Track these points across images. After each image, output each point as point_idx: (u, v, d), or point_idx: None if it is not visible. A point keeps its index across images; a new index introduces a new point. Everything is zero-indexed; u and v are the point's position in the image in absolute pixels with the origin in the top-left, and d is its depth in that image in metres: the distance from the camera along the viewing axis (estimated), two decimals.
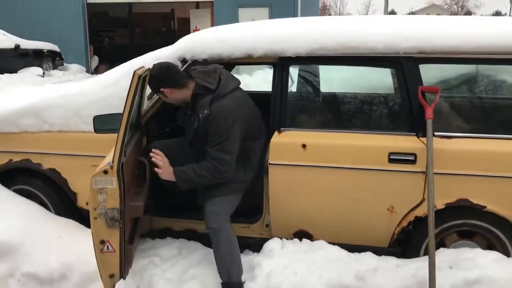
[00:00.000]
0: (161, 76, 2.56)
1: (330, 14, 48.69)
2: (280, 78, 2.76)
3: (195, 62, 2.82)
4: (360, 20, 2.96)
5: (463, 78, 2.89)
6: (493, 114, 2.80)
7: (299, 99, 2.94)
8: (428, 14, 47.41)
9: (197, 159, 2.60)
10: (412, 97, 2.58)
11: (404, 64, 2.61)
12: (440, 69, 2.81)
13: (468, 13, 48.21)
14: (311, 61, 2.84)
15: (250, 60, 2.81)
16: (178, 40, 3.01)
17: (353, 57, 2.67)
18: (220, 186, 2.63)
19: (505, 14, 48.37)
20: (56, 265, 2.58)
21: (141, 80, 2.29)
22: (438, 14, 45.98)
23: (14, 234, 2.68)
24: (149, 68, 2.57)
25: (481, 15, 47.15)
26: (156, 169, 2.53)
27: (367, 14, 51.67)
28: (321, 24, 2.88)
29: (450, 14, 46.66)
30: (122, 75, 2.90)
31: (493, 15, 48.16)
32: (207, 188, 2.64)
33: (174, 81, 2.57)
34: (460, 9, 50.66)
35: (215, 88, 2.54)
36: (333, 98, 3.16)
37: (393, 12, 49.42)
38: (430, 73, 2.74)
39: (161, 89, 2.57)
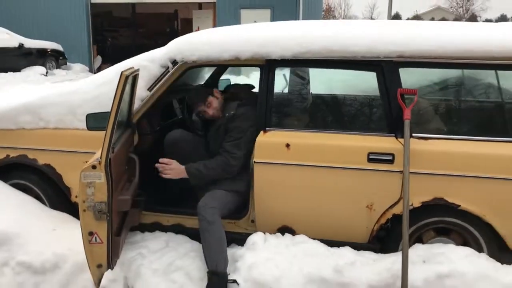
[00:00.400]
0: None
1: (334, 16, 48.72)
2: (266, 80, 2.87)
3: (185, 63, 2.94)
4: (344, 24, 3.07)
5: (441, 82, 3.00)
6: (468, 117, 2.90)
7: (284, 100, 3.05)
8: (433, 17, 47.32)
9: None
10: (391, 99, 2.69)
11: (384, 68, 2.71)
12: (421, 73, 2.91)
13: (474, 16, 48.10)
14: (296, 64, 2.95)
15: (238, 62, 2.92)
16: (170, 42, 3.13)
17: (336, 60, 2.78)
18: (222, 182, 2.90)
19: (511, 18, 48.22)
20: (49, 255, 2.70)
21: (128, 80, 2.40)
22: (443, 18, 45.90)
23: (9, 225, 2.81)
24: (137, 69, 2.70)
25: (487, 19, 47.08)
26: (163, 175, 2.87)
27: (371, 17, 51.68)
28: (306, 28, 2.99)
29: (456, 17, 46.59)
30: (114, 75, 3.01)
31: (498, 19, 48.02)
32: (211, 182, 2.90)
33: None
34: (465, 12, 50.57)
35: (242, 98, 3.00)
36: (317, 100, 3.27)
37: (397, 15, 49.42)
38: (412, 77, 2.85)
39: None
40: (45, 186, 3.23)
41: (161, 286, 2.59)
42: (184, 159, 2.98)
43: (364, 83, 2.97)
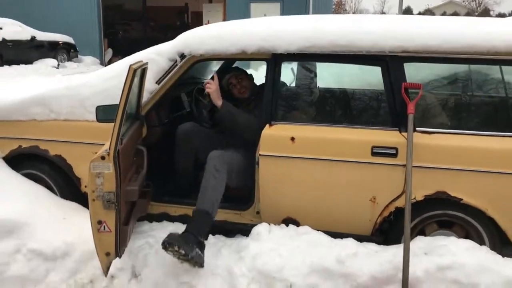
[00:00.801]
0: None
1: (345, 10, 48.38)
2: (272, 74, 2.91)
3: (193, 57, 2.99)
4: (350, 19, 3.10)
5: (445, 76, 3.02)
6: (472, 112, 2.93)
7: (290, 93, 3.09)
8: (445, 11, 46.83)
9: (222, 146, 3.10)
10: (396, 93, 2.72)
11: (389, 62, 2.74)
12: (425, 68, 2.94)
13: (486, 10, 47.50)
14: (302, 58, 2.98)
15: (245, 56, 2.96)
16: (178, 36, 3.18)
17: (342, 55, 2.81)
18: (241, 146, 3.03)
19: None
20: (59, 243, 2.78)
21: (136, 73, 2.46)
22: (455, 12, 45.39)
23: (22, 214, 2.89)
24: (146, 62, 2.75)
25: (500, 13, 46.46)
26: (206, 85, 3.02)
27: (382, 10, 51.25)
28: (312, 22, 3.02)
29: (468, 11, 46.05)
30: (123, 68, 3.07)
31: None
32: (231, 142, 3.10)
33: None
34: (478, 6, 49.94)
35: None
36: (322, 94, 3.30)
37: (409, 9, 48.92)
38: (417, 72, 2.88)
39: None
40: (56, 176, 3.31)
41: (167, 274, 2.66)
42: (194, 151, 3.06)
43: (369, 77, 3.00)
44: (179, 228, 3.01)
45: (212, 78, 3.09)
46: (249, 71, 3.51)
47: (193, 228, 2.69)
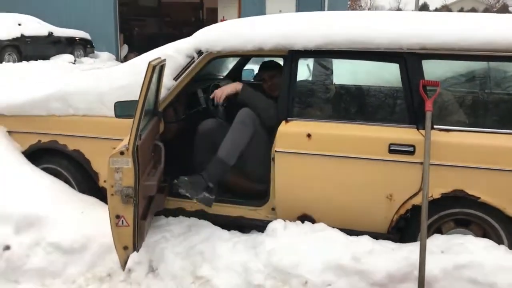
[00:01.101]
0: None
1: (360, 6, 48.05)
2: (289, 71, 2.92)
3: (210, 53, 3.01)
4: (367, 15, 3.08)
5: (464, 74, 2.99)
6: (491, 110, 2.90)
7: (306, 90, 3.09)
8: (462, 8, 46.20)
9: None
10: (414, 91, 2.70)
11: (407, 60, 2.72)
12: (444, 65, 2.91)
13: (505, 6, 46.77)
14: (319, 54, 2.98)
15: (261, 53, 2.97)
16: (195, 33, 3.20)
17: (359, 51, 2.80)
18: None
19: None
20: (78, 237, 2.82)
21: (155, 70, 2.48)
22: (473, 8, 44.77)
23: (41, 208, 2.94)
24: (164, 59, 2.77)
25: None
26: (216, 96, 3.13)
27: (398, 7, 50.74)
28: (329, 19, 3.02)
29: (486, 7, 45.40)
30: (142, 64, 3.09)
31: None
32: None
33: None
34: (496, 2, 49.18)
35: None
36: (339, 90, 3.29)
37: (425, 6, 48.39)
38: (435, 69, 2.86)
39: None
40: (74, 171, 3.35)
41: (183, 268, 2.69)
42: (215, 148, 3.08)
43: (387, 74, 2.99)
44: (194, 223, 3.06)
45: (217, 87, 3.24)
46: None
47: (205, 173, 2.97)
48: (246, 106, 3.08)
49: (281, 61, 3.09)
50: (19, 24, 12.70)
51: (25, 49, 12.59)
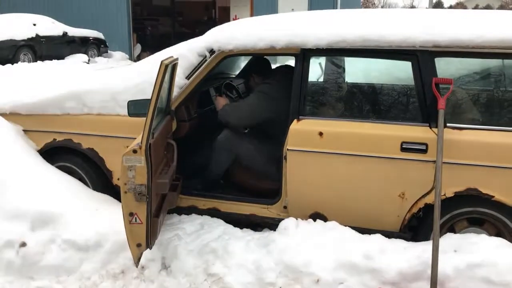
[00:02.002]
0: None
1: (373, 4, 47.67)
2: (301, 69, 2.92)
3: (222, 52, 3.02)
4: (379, 13, 3.07)
5: (477, 72, 2.96)
6: (504, 108, 2.86)
7: (318, 88, 3.09)
8: (477, 4, 45.60)
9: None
10: (426, 89, 2.69)
11: (420, 57, 2.71)
12: (456, 63, 2.89)
13: None
14: (331, 53, 2.97)
15: (273, 51, 2.97)
16: (207, 32, 3.22)
17: (371, 49, 2.80)
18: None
19: None
20: (92, 234, 2.86)
21: (167, 69, 2.50)
22: (488, 5, 44.15)
23: (56, 205, 2.98)
24: (177, 58, 2.79)
25: None
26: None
27: (412, 4, 50.26)
28: (341, 17, 3.01)
29: (502, 4, 44.75)
30: (154, 63, 3.12)
31: None
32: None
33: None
34: None
35: None
36: (351, 89, 3.28)
37: (439, 3, 47.87)
38: (448, 66, 2.84)
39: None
40: (89, 169, 3.39)
41: (196, 266, 2.71)
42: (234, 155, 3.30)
43: (399, 72, 2.97)
44: (207, 221, 3.08)
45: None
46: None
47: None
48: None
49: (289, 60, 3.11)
50: (34, 24, 12.84)
51: (40, 49, 12.73)
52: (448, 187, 2.66)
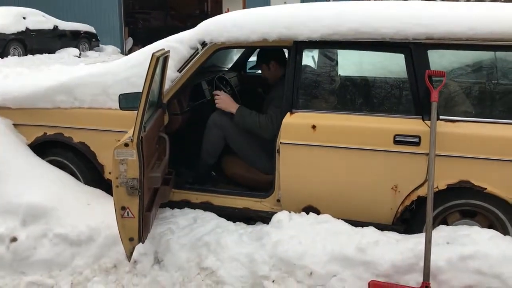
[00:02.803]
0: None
1: None
2: (294, 62, 2.90)
3: (214, 44, 3.00)
4: (372, 5, 3.05)
5: (470, 64, 2.96)
6: (497, 100, 2.87)
7: (311, 81, 3.08)
8: None
9: None
10: (419, 81, 2.68)
11: (413, 50, 2.70)
12: (450, 55, 2.89)
13: None
14: (324, 45, 2.96)
15: (266, 44, 2.94)
16: (199, 24, 3.19)
17: (364, 42, 2.78)
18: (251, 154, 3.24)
19: None
20: (84, 228, 2.84)
21: (159, 61, 2.47)
22: None
23: (47, 199, 2.96)
24: (168, 51, 2.77)
25: None
26: (216, 100, 3.22)
27: None
28: (334, 9, 2.99)
29: None
30: (145, 56, 3.09)
31: None
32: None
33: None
34: None
35: None
36: (344, 82, 3.27)
37: None
38: (441, 59, 2.83)
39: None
40: (80, 163, 3.37)
41: (189, 260, 2.70)
42: (224, 140, 3.29)
43: (392, 65, 2.97)
44: (200, 215, 3.07)
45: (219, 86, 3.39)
46: None
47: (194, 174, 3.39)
48: (240, 126, 3.18)
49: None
50: (24, 18, 12.73)
51: (30, 42, 12.63)
52: (441, 180, 2.66)
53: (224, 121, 3.22)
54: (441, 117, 2.65)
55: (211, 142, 3.28)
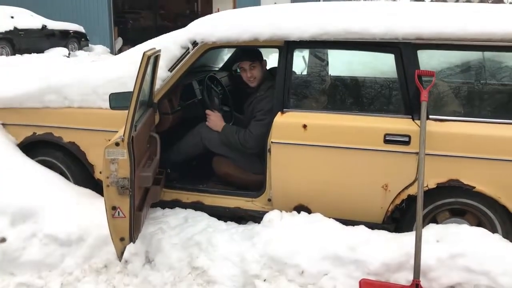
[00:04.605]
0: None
1: None
2: (285, 61, 2.90)
3: (205, 44, 2.99)
4: (362, 5, 3.08)
5: (459, 64, 2.99)
6: (485, 100, 2.90)
7: (302, 81, 3.09)
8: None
9: None
10: (409, 81, 2.71)
11: (402, 50, 2.72)
12: (439, 55, 2.92)
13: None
14: (315, 45, 2.97)
15: (257, 43, 2.94)
16: (190, 24, 3.18)
17: (354, 42, 2.80)
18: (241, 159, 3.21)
19: None
20: (74, 228, 2.82)
21: (150, 61, 2.47)
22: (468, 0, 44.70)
23: (37, 199, 2.93)
24: (159, 50, 2.76)
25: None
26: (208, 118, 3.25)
27: None
28: (324, 9, 3.01)
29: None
30: (136, 55, 3.07)
31: None
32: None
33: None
34: None
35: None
36: (334, 81, 3.29)
37: None
38: (430, 59, 2.86)
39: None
40: (70, 163, 3.34)
41: (180, 260, 2.69)
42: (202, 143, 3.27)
43: (382, 65, 2.99)
44: (191, 215, 3.07)
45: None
46: None
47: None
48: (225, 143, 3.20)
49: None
50: (12, 17, 12.60)
51: (19, 42, 12.50)
52: (431, 179, 2.69)
53: (212, 134, 3.26)
54: (430, 116, 2.67)
55: (189, 146, 3.32)
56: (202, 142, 3.27)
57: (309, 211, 2.93)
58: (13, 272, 2.77)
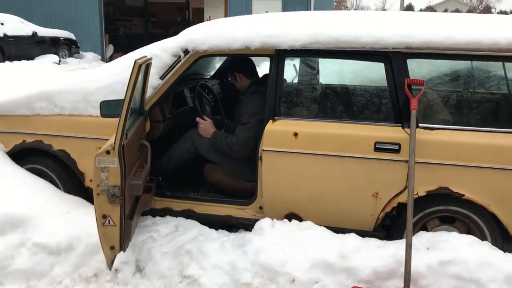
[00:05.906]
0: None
1: (346, 7, 48.28)
2: (276, 70, 2.92)
3: (196, 52, 3.00)
4: (352, 15, 3.11)
5: (448, 73, 3.03)
6: (474, 108, 2.94)
7: (293, 89, 3.11)
8: (446, 9, 46.69)
9: None
10: (399, 90, 2.73)
11: (392, 59, 2.75)
12: (428, 64, 2.95)
13: (488, 8, 47.37)
14: (305, 54, 2.99)
15: (248, 52, 2.96)
16: (181, 32, 3.19)
17: (345, 51, 2.82)
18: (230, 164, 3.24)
19: None
20: (64, 237, 2.79)
21: (141, 68, 2.47)
22: (457, 9, 45.28)
23: (26, 208, 2.91)
24: (150, 58, 2.76)
25: (502, 10, 46.31)
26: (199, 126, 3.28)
27: (383, 8, 51.16)
28: (315, 18, 3.03)
29: (469, 9, 45.96)
30: (127, 63, 3.07)
31: None
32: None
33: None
34: (479, 3, 49.76)
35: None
36: (325, 90, 3.31)
37: (410, 6, 48.83)
38: (420, 68, 2.89)
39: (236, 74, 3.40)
40: (60, 171, 3.32)
41: (171, 268, 2.68)
42: (194, 148, 3.31)
43: (372, 73, 3.02)
44: (181, 223, 3.06)
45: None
46: None
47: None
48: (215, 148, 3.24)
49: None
50: (2, 24, 12.52)
51: (9, 49, 12.41)
52: (421, 186, 2.71)
53: (203, 139, 3.30)
54: (420, 124, 2.70)
55: (181, 151, 3.35)
56: (194, 146, 3.30)
57: (300, 219, 2.93)
58: (1, 281, 2.74)
